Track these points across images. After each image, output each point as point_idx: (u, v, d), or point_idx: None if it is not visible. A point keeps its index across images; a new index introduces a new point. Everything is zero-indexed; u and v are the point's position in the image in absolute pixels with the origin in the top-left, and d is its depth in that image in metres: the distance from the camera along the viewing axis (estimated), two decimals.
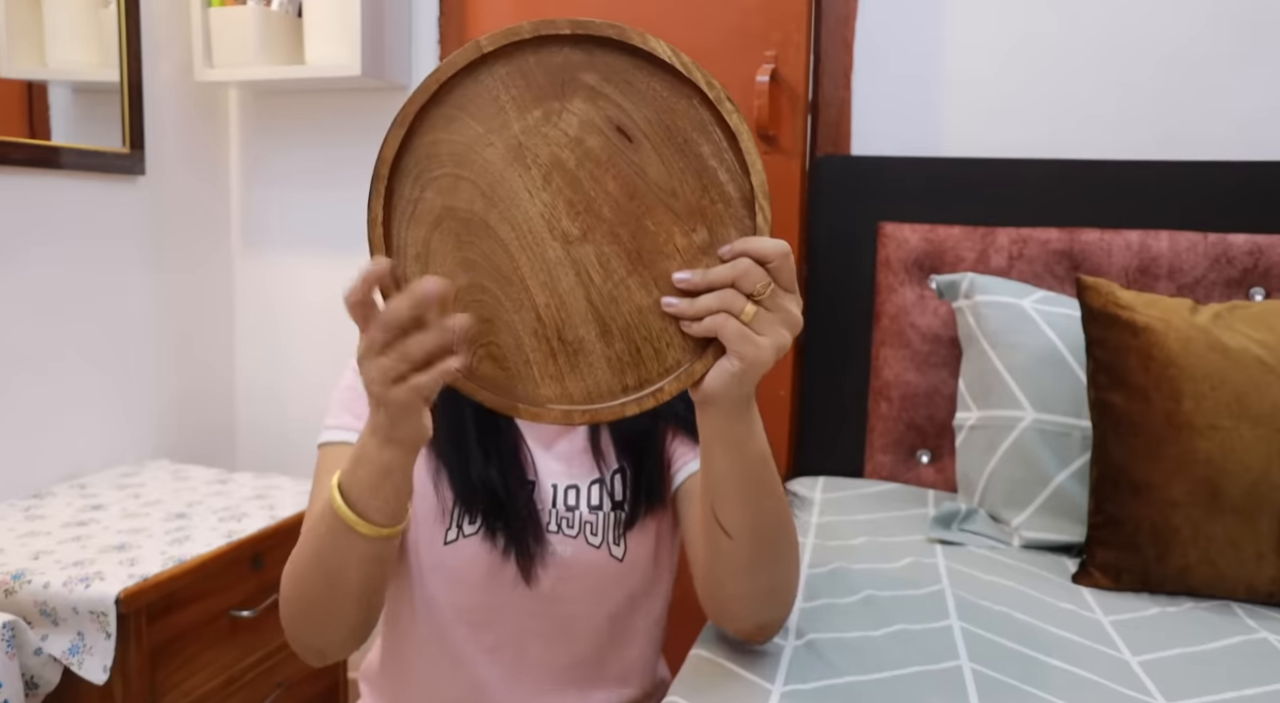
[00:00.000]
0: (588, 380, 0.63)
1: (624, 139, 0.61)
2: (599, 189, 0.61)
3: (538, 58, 0.60)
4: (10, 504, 1.52)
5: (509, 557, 0.86)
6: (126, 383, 1.79)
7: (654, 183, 0.62)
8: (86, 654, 1.20)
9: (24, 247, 1.57)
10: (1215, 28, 1.45)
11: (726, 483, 0.71)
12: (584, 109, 0.61)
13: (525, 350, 0.63)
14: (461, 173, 0.61)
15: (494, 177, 0.61)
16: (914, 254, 1.50)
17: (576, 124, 0.61)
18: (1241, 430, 1.02)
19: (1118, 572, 1.07)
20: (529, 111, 0.61)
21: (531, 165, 0.61)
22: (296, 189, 2.01)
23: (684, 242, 0.62)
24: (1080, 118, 1.53)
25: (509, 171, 0.61)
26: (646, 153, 0.61)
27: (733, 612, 0.80)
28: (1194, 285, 1.35)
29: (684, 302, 0.62)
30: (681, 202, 0.62)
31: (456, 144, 0.61)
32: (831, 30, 1.64)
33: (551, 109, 0.61)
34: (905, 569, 1.09)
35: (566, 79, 0.61)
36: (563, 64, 0.61)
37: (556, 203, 0.61)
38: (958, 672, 0.82)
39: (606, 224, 0.62)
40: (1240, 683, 0.83)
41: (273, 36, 1.83)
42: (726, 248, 0.61)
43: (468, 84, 0.60)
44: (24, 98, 1.57)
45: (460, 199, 0.61)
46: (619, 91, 0.61)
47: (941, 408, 1.48)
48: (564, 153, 0.61)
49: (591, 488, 0.89)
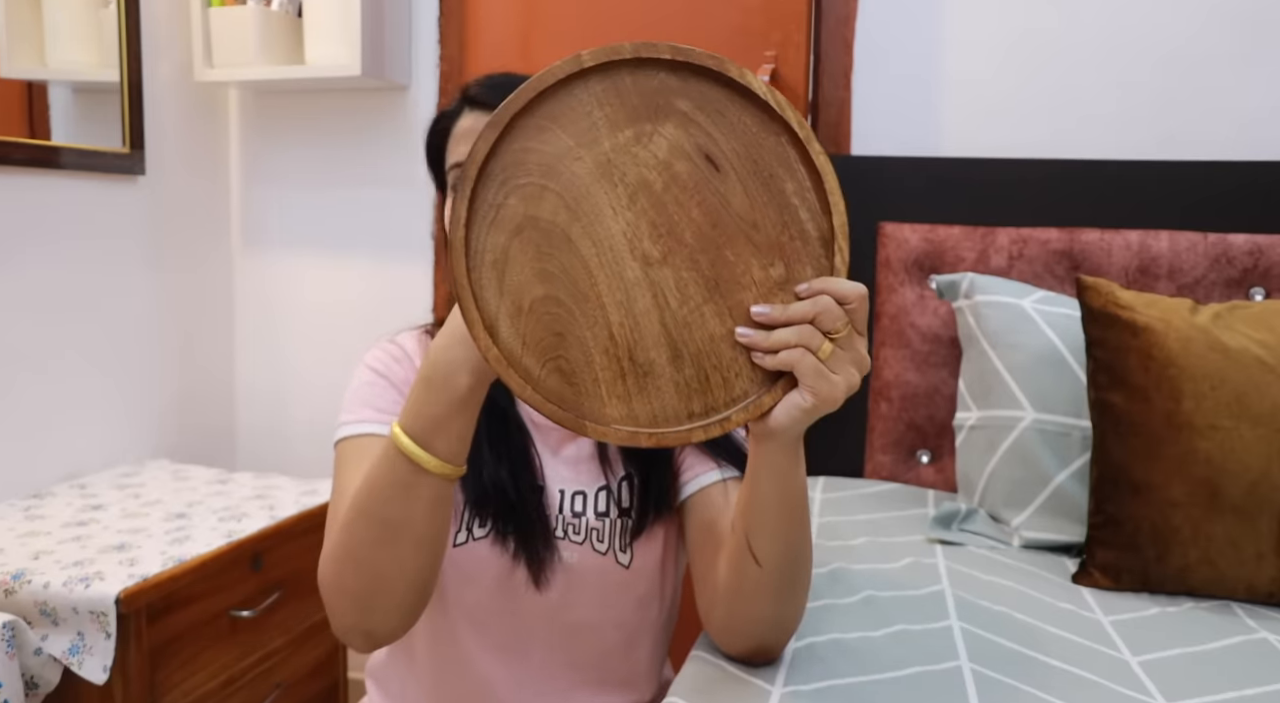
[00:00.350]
0: (654, 403, 0.63)
1: (711, 167, 0.62)
2: (683, 214, 0.62)
3: (634, 78, 0.61)
4: (10, 504, 1.52)
5: (519, 561, 0.86)
6: (126, 383, 1.79)
7: (737, 214, 0.62)
8: (86, 654, 1.20)
9: (24, 246, 1.57)
10: (1215, 27, 1.45)
11: (767, 513, 0.71)
12: (675, 134, 0.61)
13: (595, 368, 0.63)
14: (548, 184, 0.61)
15: (580, 191, 0.61)
16: (914, 254, 1.50)
17: (666, 148, 0.61)
18: (1241, 430, 1.02)
19: (1118, 572, 1.07)
20: (620, 130, 0.61)
21: (618, 183, 0.61)
22: (296, 189, 2.01)
23: (761, 274, 0.62)
24: (1080, 118, 1.53)
25: (595, 187, 0.61)
26: (732, 183, 0.62)
27: (743, 633, 0.80)
28: (1194, 285, 1.35)
29: (759, 333, 0.62)
30: (762, 235, 0.62)
31: (545, 154, 0.61)
32: (831, 30, 1.64)
33: (643, 130, 0.61)
34: (905, 570, 1.09)
35: (660, 103, 0.61)
36: (658, 87, 0.61)
37: (640, 223, 0.61)
38: (958, 672, 0.82)
39: (687, 249, 0.62)
40: (1240, 683, 0.83)
41: (273, 36, 1.83)
42: (805, 286, 0.62)
43: (561, 96, 0.60)
44: (24, 98, 1.57)
45: (544, 209, 0.61)
46: (710, 121, 0.61)
47: (941, 408, 1.48)
48: (651, 175, 0.61)
49: (599, 495, 0.89)
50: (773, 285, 0.62)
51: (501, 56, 1.84)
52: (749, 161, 0.61)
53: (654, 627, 0.95)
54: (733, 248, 0.62)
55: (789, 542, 0.73)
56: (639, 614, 0.92)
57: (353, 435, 0.87)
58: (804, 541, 0.75)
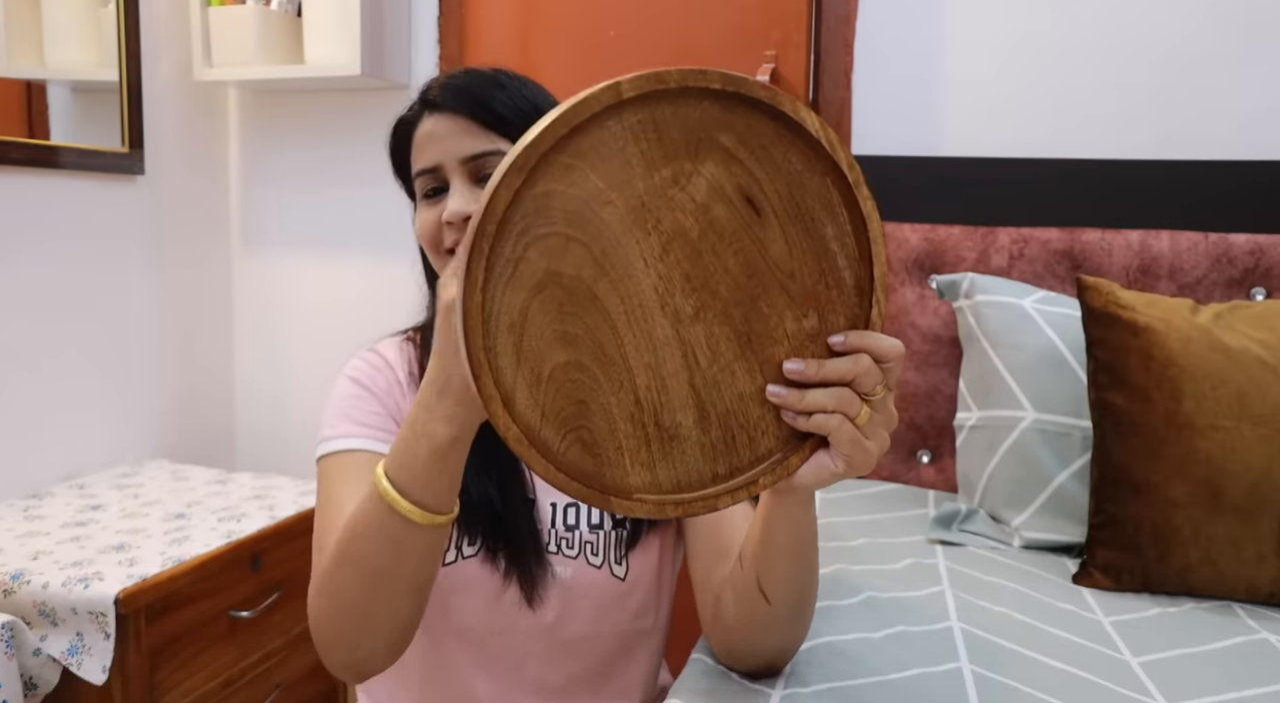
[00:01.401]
0: (678, 468, 0.58)
1: (752, 211, 0.55)
2: (718, 264, 0.56)
3: (674, 109, 0.53)
4: (9, 504, 1.51)
5: (510, 580, 0.84)
6: (125, 383, 1.79)
7: (774, 262, 0.56)
8: (85, 655, 1.20)
9: (23, 246, 1.56)
10: (1214, 27, 1.45)
11: (778, 557, 0.71)
12: (715, 174, 0.54)
13: (619, 436, 0.57)
14: (573, 233, 0.53)
15: (609, 241, 0.54)
16: (914, 254, 1.50)
17: (705, 190, 0.54)
18: (1242, 430, 1.02)
19: (1118, 572, 1.07)
20: (657, 170, 0.54)
21: (652, 232, 0.54)
22: (296, 189, 2.01)
23: (794, 327, 0.57)
24: (1080, 118, 1.53)
25: (626, 237, 0.54)
26: (772, 229, 0.56)
27: (751, 658, 0.80)
28: (1195, 285, 1.35)
29: (793, 392, 0.57)
30: (798, 284, 0.57)
31: (572, 199, 0.53)
32: (831, 30, 1.64)
33: (682, 170, 0.54)
34: (905, 570, 1.09)
35: (702, 138, 0.54)
36: (700, 120, 0.54)
37: (673, 276, 0.55)
38: (958, 673, 0.81)
39: (721, 303, 0.56)
40: (1241, 684, 0.83)
41: (272, 36, 1.82)
42: (842, 338, 0.57)
43: (592, 130, 0.52)
44: (23, 97, 1.57)
45: (569, 263, 0.54)
46: (754, 158, 0.55)
47: (942, 408, 1.48)
48: (689, 221, 0.54)
49: (591, 507, 0.88)
50: (805, 338, 0.57)
51: (501, 56, 1.83)
52: (791, 204, 0.56)
53: (651, 635, 0.94)
54: (767, 299, 0.56)
55: (799, 582, 0.73)
56: (636, 625, 0.91)
57: (335, 452, 0.84)
58: (812, 577, 0.75)
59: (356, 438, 0.84)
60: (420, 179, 0.83)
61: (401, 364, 0.90)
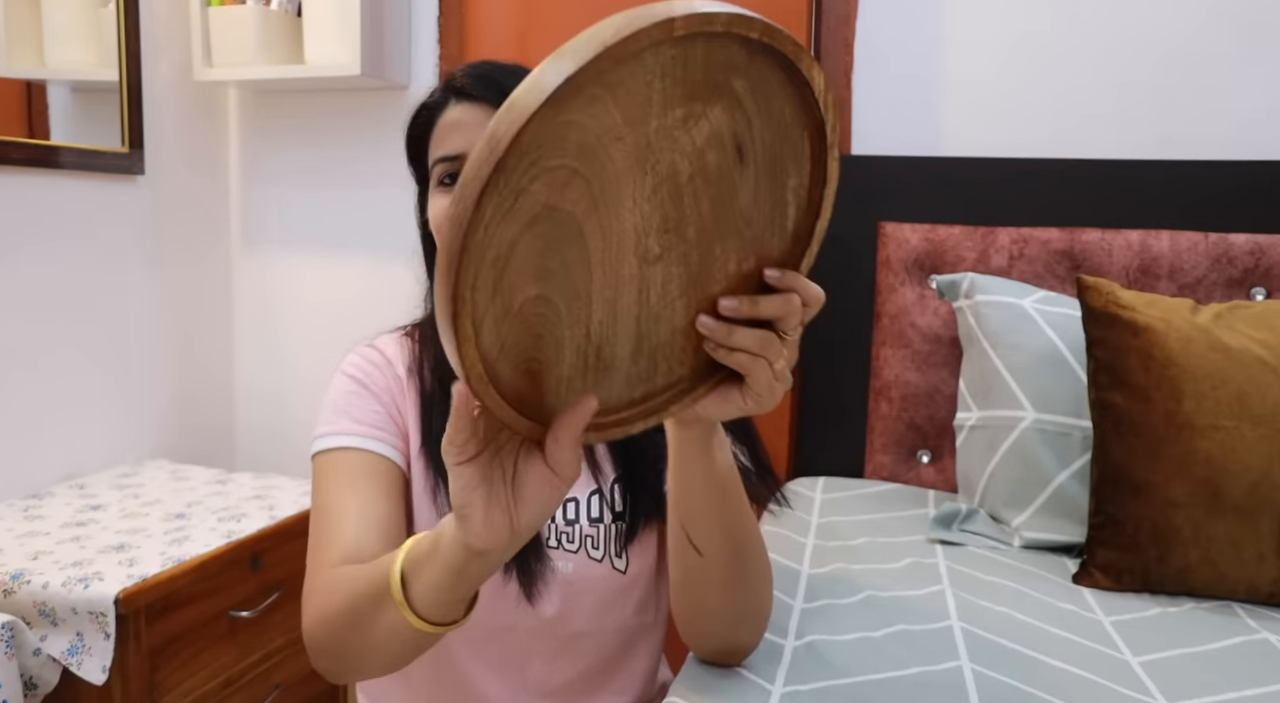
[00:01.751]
0: (601, 394, 0.58)
1: (738, 158, 0.54)
2: (694, 209, 0.55)
3: (707, 50, 0.50)
4: (9, 504, 1.51)
5: (510, 576, 0.84)
6: (126, 383, 1.79)
7: (739, 209, 0.56)
8: (85, 655, 1.20)
9: (23, 246, 1.56)
10: (1215, 27, 1.45)
11: (695, 497, 0.70)
12: (720, 119, 0.53)
13: (564, 366, 0.56)
14: (580, 168, 0.50)
15: (610, 178, 0.51)
16: (914, 254, 1.50)
17: (707, 134, 0.53)
18: (1242, 430, 1.02)
19: (1118, 572, 1.07)
20: (672, 109, 0.51)
21: (649, 171, 0.52)
22: (296, 188, 2.01)
23: (734, 268, 0.58)
24: (1080, 118, 1.53)
25: (626, 175, 0.51)
26: (748, 177, 0.55)
27: (704, 630, 0.79)
28: (1195, 285, 1.35)
29: (721, 326, 0.57)
30: (751, 230, 0.57)
31: (589, 131, 0.49)
32: (831, 30, 1.64)
33: (693, 112, 0.51)
34: (905, 570, 1.09)
35: (720, 81, 0.51)
36: (725, 63, 0.51)
37: (653, 218, 0.53)
38: (958, 672, 0.81)
39: (685, 246, 0.55)
40: (1241, 684, 0.83)
41: (272, 36, 1.82)
42: (778, 273, 0.58)
43: (629, 63, 0.48)
44: (23, 97, 1.57)
45: (567, 198, 0.50)
46: (756, 108, 0.53)
47: (942, 408, 1.48)
48: (683, 163, 0.53)
49: (590, 499, 0.87)
50: (739, 278, 0.58)
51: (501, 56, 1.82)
52: (769, 155, 0.55)
53: (652, 630, 0.94)
54: (723, 243, 0.57)
55: (727, 526, 0.71)
56: (638, 619, 0.91)
57: (330, 449, 0.83)
58: (743, 525, 0.72)
59: (352, 436, 0.83)
60: (440, 165, 0.82)
61: (400, 360, 0.90)
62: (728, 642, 0.79)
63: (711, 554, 0.72)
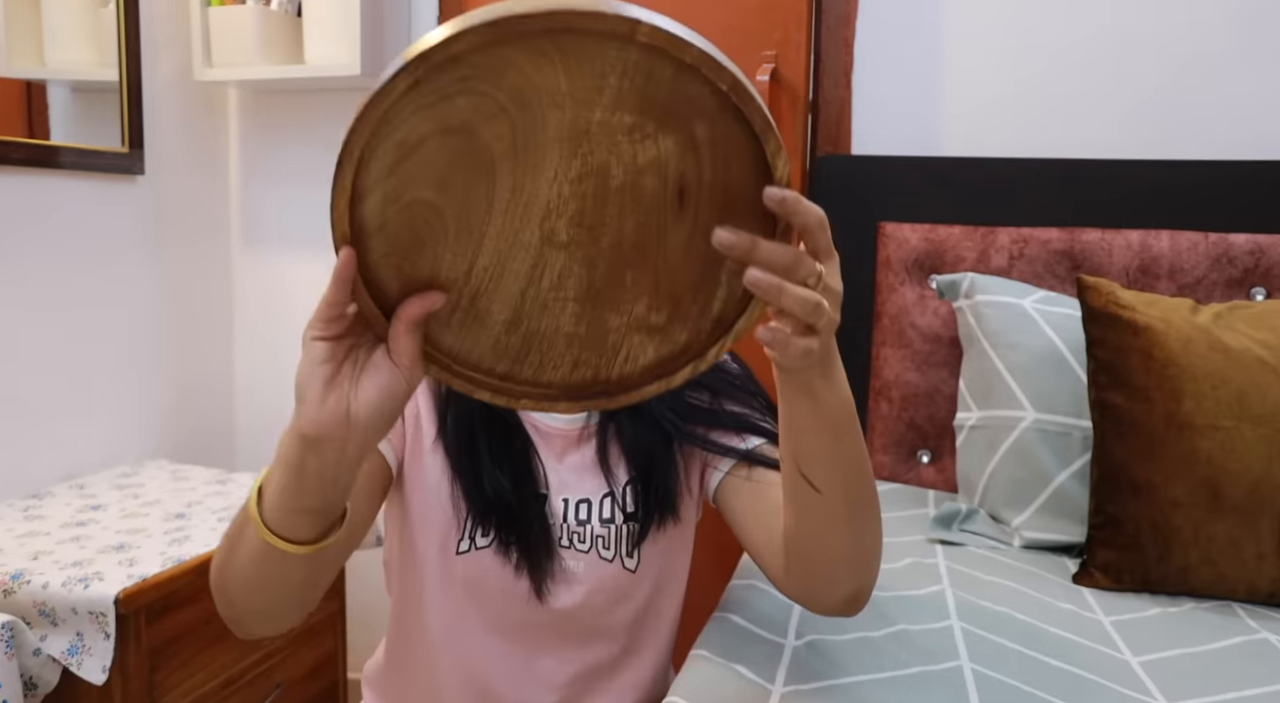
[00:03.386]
0: (465, 344, 0.60)
1: (678, 202, 0.55)
2: (617, 222, 0.56)
3: (675, 76, 0.52)
4: (9, 504, 1.51)
5: (522, 572, 0.86)
6: (125, 383, 1.79)
7: (665, 252, 0.56)
8: (85, 655, 1.20)
9: (23, 246, 1.56)
10: (1215, 27, 1.45)
11: (806, 435, 0.67)
12: (669, 152, 0.54)
13: (433, 285, 0.58)
14: (510, 109, 0.52)
15: (536, 137, 0.53)
16: (914, 254, 1.50)
17: (651, 158, 0.54)
18: (1242, 430, 1.02)
19: (1118, 572, 1.07)
20: (622, 113, 0.52)
21: (579, 156, 0.54)
22: (296, 189, 2.01)
23: (641, 312, 0.58)
24: (1080, 117, 1.53)
25: (554, 145, 0.53)
26: (684, 226, 0.56)
27: (829, 576, 0.75)
28: (1195, 285, 1.35)
29: (745, 238, 0.53)
30: (670, 283, 0.57)
31: (528, 82, 0.51)
32: (831, 30, 1.64)
33: (644, 129, 0.53)
34: (905, 570, 1.09)
35: (681, 114, 0.53)
36: (691, 99, 0.52)
37: (570, 203, 0.55)
38: (958, 672, 0.82)
39: (595, 251, 0.57)
40: (1241, 684, 0.83)
41: (272, 36, 1.82)
42: (778, 190, 0.53)
43: (590, 39, 0.50)
44: (23, 97, 1.57)
45: (488, 131, 0.53)
46: (712, 162, 0.54)
47: (942, 408, 1.48)
48: (618, 170, 0.54)
49: (603, 502, 0.88)
50: (643, 327, 0.58)
51: None
52: (715, 216, 0.55)
53: (660, 630, 0.95)
54: (635, 275, 0.57)
55: (844, 463, 0.69)
56: (646, 619, 0.92)
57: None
58: (860, 462, 0.70)
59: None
60: None
61: None
62: (854, 586, 0.75)
63: (831, 491, 0.69)
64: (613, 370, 0.61)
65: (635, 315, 0.58)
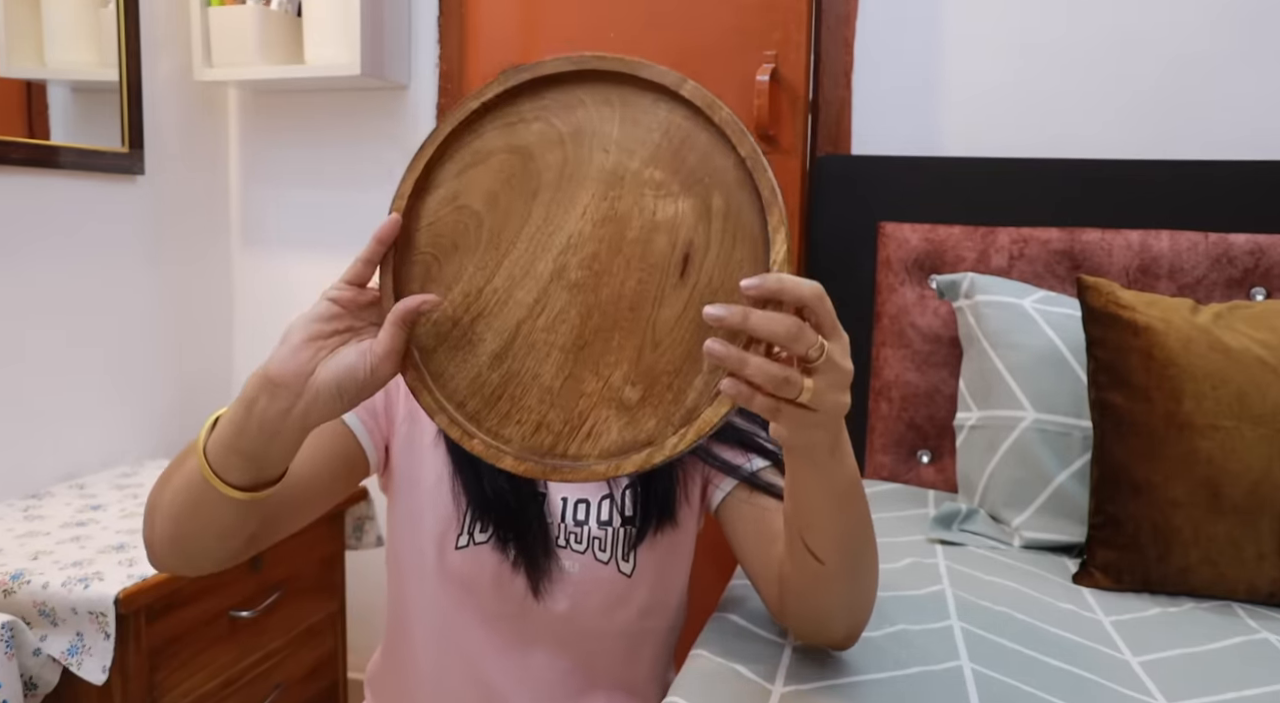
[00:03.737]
0: (448, 367, 0.62)
1: (680, 269, 0.58)
2: (621, 274, 0.59)
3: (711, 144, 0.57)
4: (9, 504, 1.51)
5: (519, 570, 0.86)
6: (126, 383, 1.79)
7: (657, 323, 0.58)
8: (85, 655, 1.20)
9: (23, 246, 1.56)
10: (1215, 27, 1.45)
11: (812, 512, 0.69)
12: (685, 215, 0.58)
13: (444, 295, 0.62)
14: (567, 141, 0.59)
15: (579, 173, 0.59)
16: (914, 254, 1.50)
17: (668, 216, 0.58)
18: (1242, 430, 1.02)
19: (1118, 572, 1.07)
20: (654, 168, 0.58)
21: (607, 200, 0.59)
22: (296, 189, 2.01)
23: (617, 380, 0.59)
24: (1080, 117, 1.53)
25: (589, 185, 0.59)
26: (679, 297, 0.58)
27: (824, 622, 0.78)
28: (1195, 285, 1.35)
29: (734, 353, 0.53)
30: (651, 357, 0.58)
31: (589, 123, 0.59)
32: (831, 30, 1.64)
33: (669, 187, 0.58)
34: (905, 570, 1.09)
35: (706, 183, 0.57)
36: (717, 170, 0.57)
37: (587, 244, 0.59)
38: (958, 672, 0.82)
39: (594, 298, 0.59)
40: (1241, 684, 0.83)
41: (272, 36, 1.82)
42: (757, 280, 0.53)
43: (644, 97, 0.58)
44: (23, 97, 1.57)
45: (544, 158, 0.60)
46: (723, 233, 0.57)
47: (942, 408, 1.48)
48: (635, 223, 0.58)
49: (602, 504, 0.88)
50: (614, 400, 0.59)
51: (501, 56, 1.83)
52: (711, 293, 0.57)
53: (658, 634, 0.94)
54: (622, 339, 0.58)
55: (846, 533, 0.70)
56: (642, 623, 0.91)
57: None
58: (861, 528, 0.71)
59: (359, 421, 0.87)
60: None
61: None
62: (847, 629, 0.79)
63: (832, 561, 0.71)
64: (571, 445, 0.61)
65: (611, 384, 0.59)
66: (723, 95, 0.59)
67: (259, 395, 0.62)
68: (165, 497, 0.72)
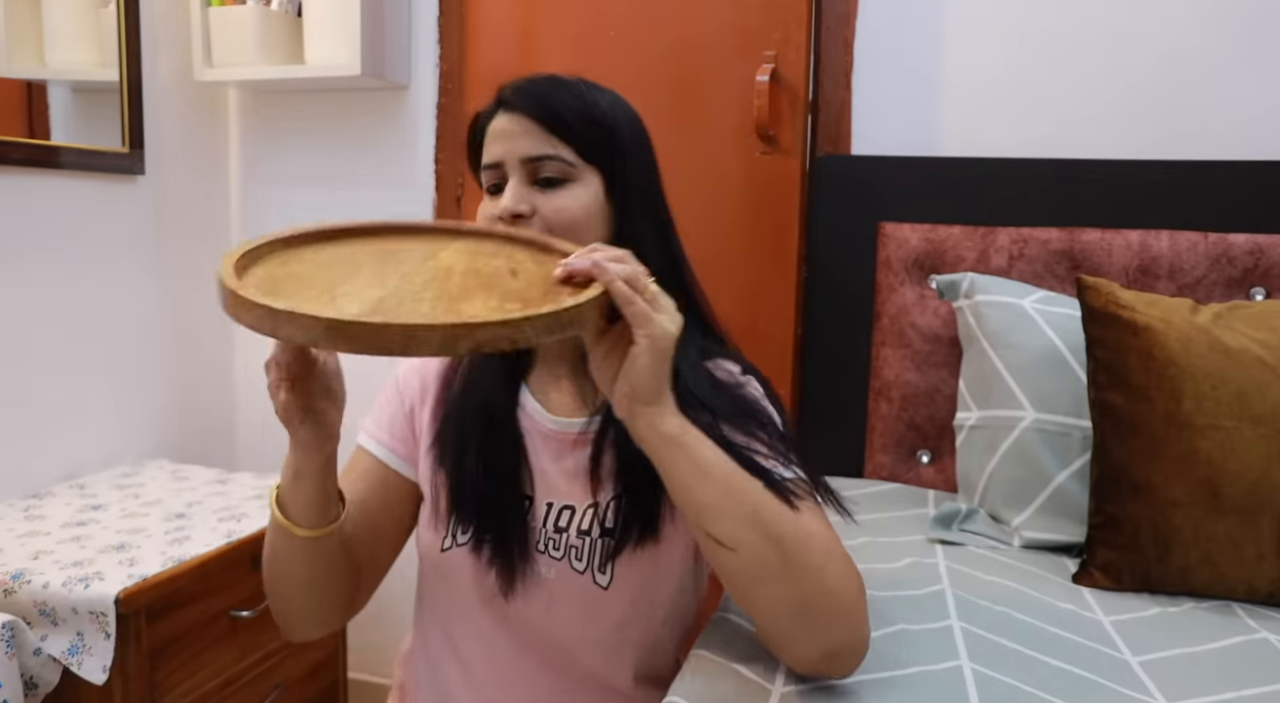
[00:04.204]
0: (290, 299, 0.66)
1: (510, 275, 0.73)
2: (460, 280, 0.71)
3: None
4: (9, 504, 1.51)
5: (492, 570, 0.86)
6: (126, 383, 1.79)
7: (509, 288, 0.70)
8: (86, 655, 1.20)
9: (23, 247, 1.56)
10: (1215, 27, 1.45)
11: (689, 490, 0.70)
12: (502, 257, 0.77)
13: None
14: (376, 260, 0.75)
15: (398, 253, 0.76)
16: (914, 254, 1.50)
17: (487, 260, 0.76)
18: (1242, 430, 1.02)
19: (1118, 572, 1.07)
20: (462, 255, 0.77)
21: (433, 258, 0.75)
22: (296, 189, 2.01)
23: (494, 304, 0.67)
24: (1080, 118, 1.53)
25: (408, 258, 0.75)
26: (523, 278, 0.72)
27: (784, 634, 0.74)
28: (1194, 285, 1.35)
29: (581, 257, 0.70)
30: (522, 295, 0.69)
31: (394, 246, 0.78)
32: (831, 30, 1.64)
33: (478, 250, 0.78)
34: (905, 570, 1.09)
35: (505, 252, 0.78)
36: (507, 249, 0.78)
37: (421, 274, 0.72)
38: (958, 672, 0.82)
39: (446, 288, 0.69)
40: (1240, 683, 0.83)
41: (272, 36, 1.82)
42: (575, 255, 0.70)
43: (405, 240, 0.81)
44: (23, 97, 1.57)
45: (358, 257, 0.76)
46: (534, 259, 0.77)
47: (941, 408, 1.48)
48: (459, 268, 0.73)
49: (586, 512, 0.87)
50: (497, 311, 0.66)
51: (501, 56, 1.83)
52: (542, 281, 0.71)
53: (635, 649, 0.91)
54: (485, 296, 0.68)
55: (746, 514, 0.69)
56: (618, 636, 0.89)
57: (359, 445, 0.94)
58: (763, 511, 0.70)
59: (366, 435, 0.93)
60: (485, 173, 0.87)
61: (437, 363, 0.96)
62: (820, 645, 0.73)
63: (745, 548, 0.70)
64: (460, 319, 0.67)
65: (489, 306, 0.67)
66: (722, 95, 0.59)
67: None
68: (266, 573, 0.86)
